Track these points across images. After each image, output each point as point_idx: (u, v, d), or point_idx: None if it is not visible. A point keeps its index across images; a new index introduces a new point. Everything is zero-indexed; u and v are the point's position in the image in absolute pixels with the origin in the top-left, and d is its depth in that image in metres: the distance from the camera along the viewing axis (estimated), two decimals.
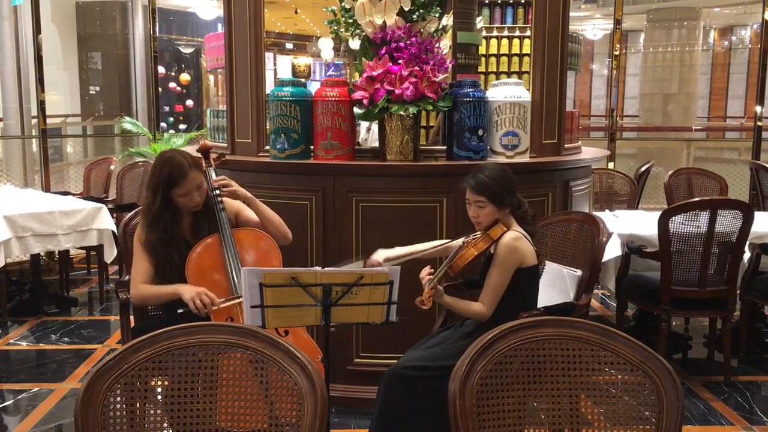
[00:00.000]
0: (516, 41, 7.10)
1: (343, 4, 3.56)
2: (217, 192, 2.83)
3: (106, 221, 5.07)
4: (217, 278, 2.73)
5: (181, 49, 14.00)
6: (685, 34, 12.84)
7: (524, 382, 1.66)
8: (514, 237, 2.68)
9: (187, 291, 2.61)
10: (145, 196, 2.85)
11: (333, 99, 3.43)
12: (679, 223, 3.73)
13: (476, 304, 2.66)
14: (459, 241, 2.78)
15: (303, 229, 3.41)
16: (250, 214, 2.91)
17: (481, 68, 6.84)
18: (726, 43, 18.31)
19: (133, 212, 3.23)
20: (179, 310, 2.62)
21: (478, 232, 2.72)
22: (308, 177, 3.50)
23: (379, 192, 3.44)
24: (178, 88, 13.72)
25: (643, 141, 11.66)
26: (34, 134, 7.55)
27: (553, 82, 3.71)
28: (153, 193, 2.76)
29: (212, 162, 2.96)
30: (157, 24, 7.81)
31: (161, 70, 11.64)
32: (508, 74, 6.98)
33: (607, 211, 4.97)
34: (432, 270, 2.65)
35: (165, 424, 1.64)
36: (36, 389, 3.87)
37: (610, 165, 7.17)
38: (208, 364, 1.63)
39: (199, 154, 2.97)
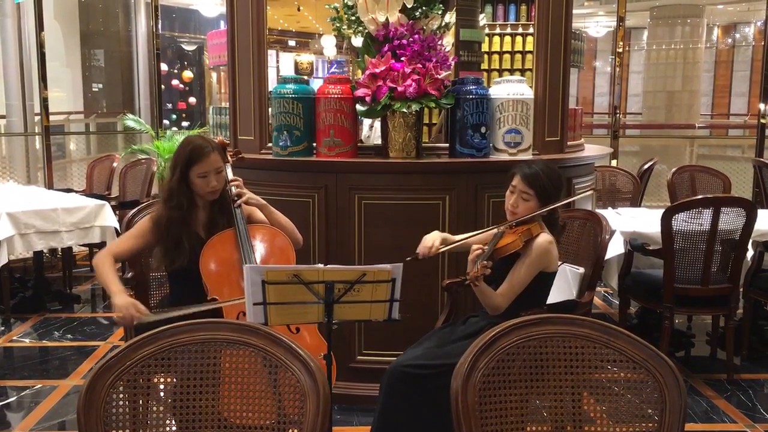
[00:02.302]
0: (519, 38, 7.08)
1: (345, 1, 3.55)
2: (238, 200, 2.83)
3: (108, 218, 5.07)
4: (230, 272, 2.74)
5: (183, 46, 14.00)
6: (689, 32, 12.80)
7: (527, 380, 1.66)
8: (550, 240, 2.67)
9: (118, 303, 2.58)
10: (167, 175, 2.90)
11: (336, 96, 3.43)
12: (682, 221, 3.72)
13: (498, 295, 2.64)
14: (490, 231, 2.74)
15: (305, 226, 3.41)
16: (261, 216, 2.92)
17: (484, 65, 6.81)
18: (729, 40, 18.26)
19: (135, 209, 3.23)
20: (114, 318, 2.66)
21: (513, 224, 2.67)
22: (311, 174, 3.50)
23: (382, 189, 3.44)
24: (181, 86, 13.72)
25: (646, 138, 11.64)
26: (36, 131, 7.55)
27: (555, 80, 3.71)
28: (173, 170, 2.81)
29: (229, 159, 2.97)
30: (160, 21, 7.80)
31: (164, 67, 11.64)
32: (511, 71, 6.96)
33: (609, 208, 4.96)
34: (483, 248, 2.61)
35: (168, 421, 1.65)
36: (39, 386, 3.88)
37: (613, 162, 7.16)
38: (210, 361, 1.63)
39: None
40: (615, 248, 3.97)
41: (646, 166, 6.38)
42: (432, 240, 2.74)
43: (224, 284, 2.72)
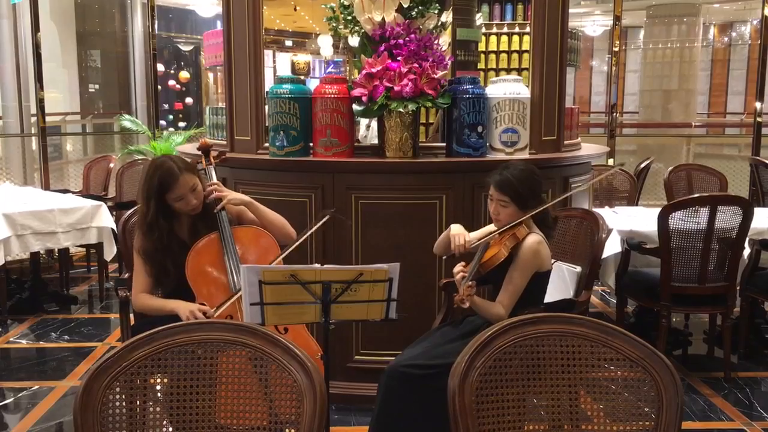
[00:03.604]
0: (515, 38, 7.10)
1: (342, 1, 3.55)
2: (218, 208, 2.78)
3: (105, 219, 5.07)
4: (216, 276, 2.73)
5: (180, 46, 13.98)
6: (685, 30, 12.82)
7: (524, 379, 1.66)
8: (538, 240, 2.66)
9: (183, 310, 2.61)
10: (140, 205, 2.83)
11: (332, 96, 3.43)
12: (678, 220, 3.73)
13: (497, 305, 2.63)
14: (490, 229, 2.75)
15: (302, 226, 3.37)
16: (251, 216, 2.89)
17: (481, 65, 6.84)
18: (726, 39, 18.29)
19: (132, 210, 3.22)
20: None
21: (501, 230, 2.68)
22: (307, 174, 3.50)
23: (379, 189, 3.44)
24: (178, 86, 13.71)
25: (642, 137, 11.65)
26: (33, 132, 7.54)
27: (552, 79, 3.71)
28: (146, 201, 2.74)
29: (212, 160, 2.95)
30: (156, 21, 7.79)
31: (160, 67, 11.63)
32: (508, 71, 6.98)
33: (606, 207, 4.97)
34: (465, 266, 2.61)
35: (164, 422, 1.64)
36: (36, 387, 3.87)
37: (610, 161, 7.17)
38: (207, 361, 1.63)
39: (198, 152, 2.96)
40: (612, 247, 3.97)
41: (642, 165, 6.38)
42: (462, 236, 2.72)
43: (210, 288, 2.71)
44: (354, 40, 3.70)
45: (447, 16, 3.77)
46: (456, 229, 2.77)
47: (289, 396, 1.59)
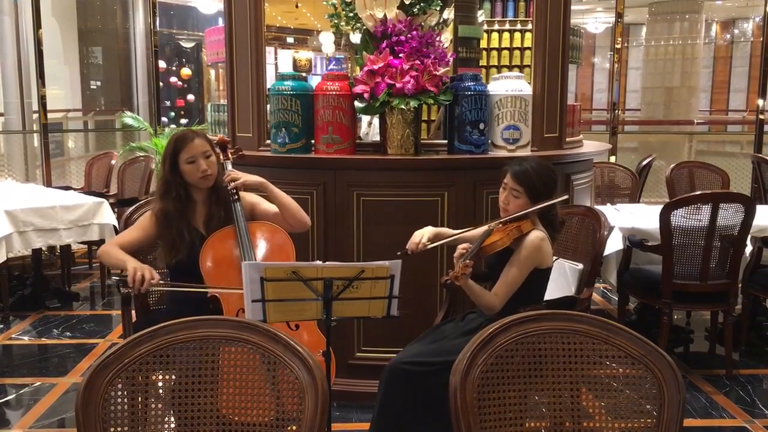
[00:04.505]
0: (517, 35, 7.07)
1: None
2: (232, 186, 2.83)
3: (107, 216, 5.07)
4: (230, 270, 2.73)
5: (181, 43, 13.99)
6: (687, 27, 12.80)
7: (525, 376, 1.66)
8: (541, 237, 2.66)
9: (130, 266, 2.64)
10: (161, 170, 2.94)
11: (334, 93, 3.42)
12: (680, 217, 3.72)
13: (491, 294, 2.63)
14: (483, 228, 2.74)
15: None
16: (266, 206, 2.92)
17: (482, 62, 6.82)
18: (728, 36, 18.27)
19: (134, 207, 3.23)
20: (114, 277, 2.67)
21: (504, 221, 2.67)
22: (309, 171, 3.50)
23: (380, 186, 3.44)
24: (179, 83, 13.72)
25: (644, 134, 11.64)
26: (35, 129, 7.55)
27: (554, 76, 3.70)
28: (164, 164, 2.85)
29: (230, 156, 2.98)
30: (158, 18, 7.80)
31: (162, 64, 11.63)
32: (510, 68, 6.96)
33: (608, 204, 4.96)
34: (468, 247, 2.61)
35: (166, 419, 1.64)
36: (38, 384, 3.88)
37: (612, 159, 7.16)
38: (209, 358, 1.63)
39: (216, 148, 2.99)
40: (614, 244, 3.96)
41: (644, 162, 6.38)
42: (420, 235, 2.72)
43: (223, 282, 2.72)
44: (356, 37, 3.70)
45: (448, 13, 3.77)
46: (421, 230, 2.75)
47: (290, 393, 1.59)
